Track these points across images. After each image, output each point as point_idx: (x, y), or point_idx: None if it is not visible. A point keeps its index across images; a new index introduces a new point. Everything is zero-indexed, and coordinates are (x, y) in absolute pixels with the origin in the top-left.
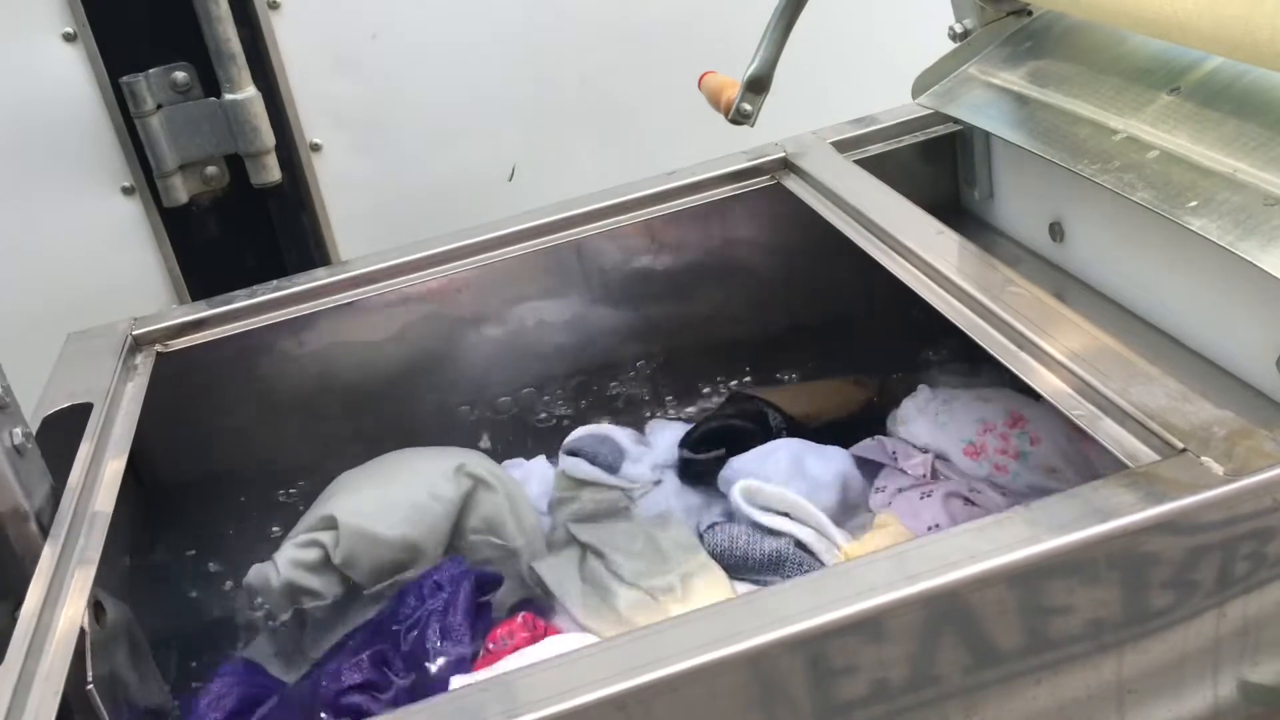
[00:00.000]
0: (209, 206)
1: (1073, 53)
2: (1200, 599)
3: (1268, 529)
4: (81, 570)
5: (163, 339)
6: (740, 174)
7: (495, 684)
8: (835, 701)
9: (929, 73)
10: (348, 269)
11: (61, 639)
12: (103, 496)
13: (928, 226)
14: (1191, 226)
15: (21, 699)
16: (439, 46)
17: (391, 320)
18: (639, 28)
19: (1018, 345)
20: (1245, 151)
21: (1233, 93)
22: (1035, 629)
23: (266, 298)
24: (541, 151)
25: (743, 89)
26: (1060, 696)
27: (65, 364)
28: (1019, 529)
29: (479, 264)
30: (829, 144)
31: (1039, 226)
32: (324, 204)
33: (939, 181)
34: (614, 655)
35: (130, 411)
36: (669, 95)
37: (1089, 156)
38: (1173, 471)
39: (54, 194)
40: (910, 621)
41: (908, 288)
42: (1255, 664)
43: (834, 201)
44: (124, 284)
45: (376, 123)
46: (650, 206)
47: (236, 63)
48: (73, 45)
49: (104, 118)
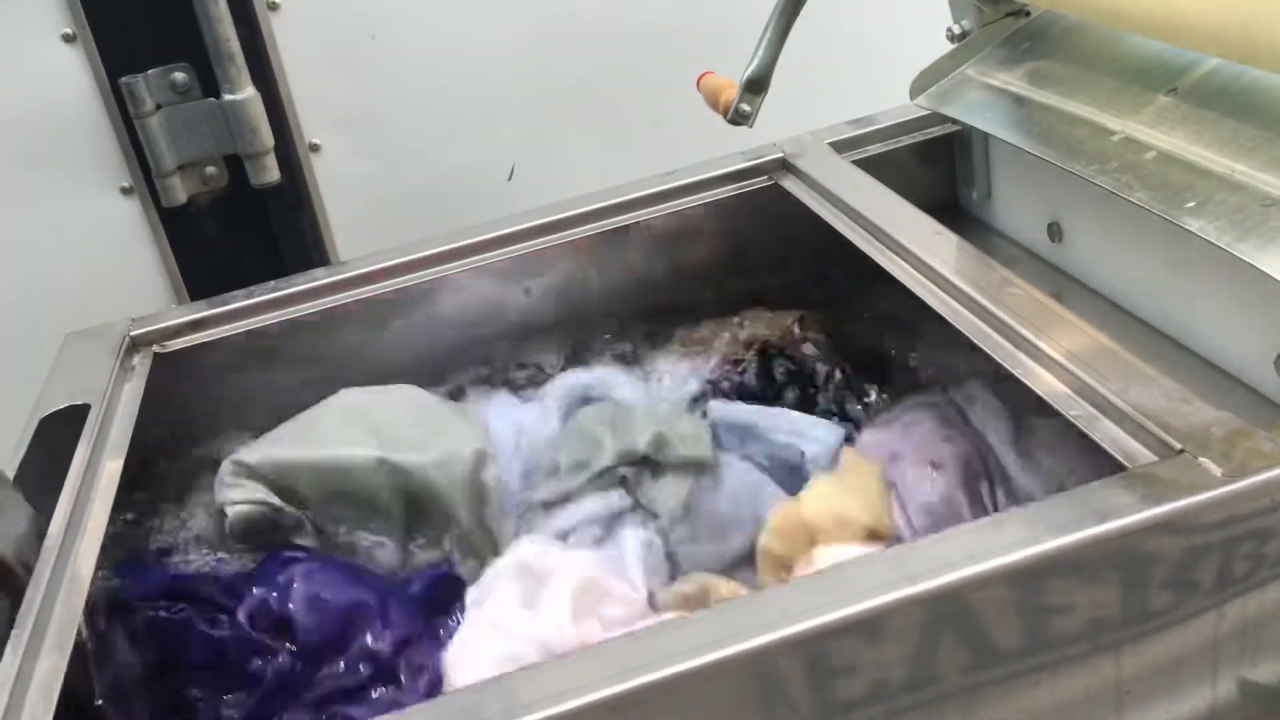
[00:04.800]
0: (208, 207)
1: (1071, 54)
2: (1199, 599)
3: (1266, 529)
4: (80, 571)
5: (161, 339)
6: (738, 174)
7: (495, 684)
8: (834, 702)
9: (927, 73)
10: (346, 269)
11: (59, 640)
12: (100, 497)
13: (926, 227)
14: (1189, 227)
15: (19, 699)
16: (438, 47)
17: (390, 320)
18: (638, 28)
19: (1016, 346)
20: (1243, 152)
21: (1230, 93)
22: (1034, 629)
23: (265, 298)
24: (541, 151)
25: (741, 89)
26: (1059, 697)
27: (63, 364)
28: (1018, 529)
29: (478, 264)
30: (827, 144)
31: (1037, 227)
32: (323, 204)
33: (937, 182)
34: (613, 656)
35: (128, 412)
36: (668, 95)
37: (1087, 157)
38: (1171, 472)
39: (53, 194)
40: (909, 622)
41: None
42: (1254, 664)
43: (832, 202)
44: (122, 284)
45: (375, 123)
46: (649, 207)
47: (235, 63)
48: (72, 46)
49: (103, 118)
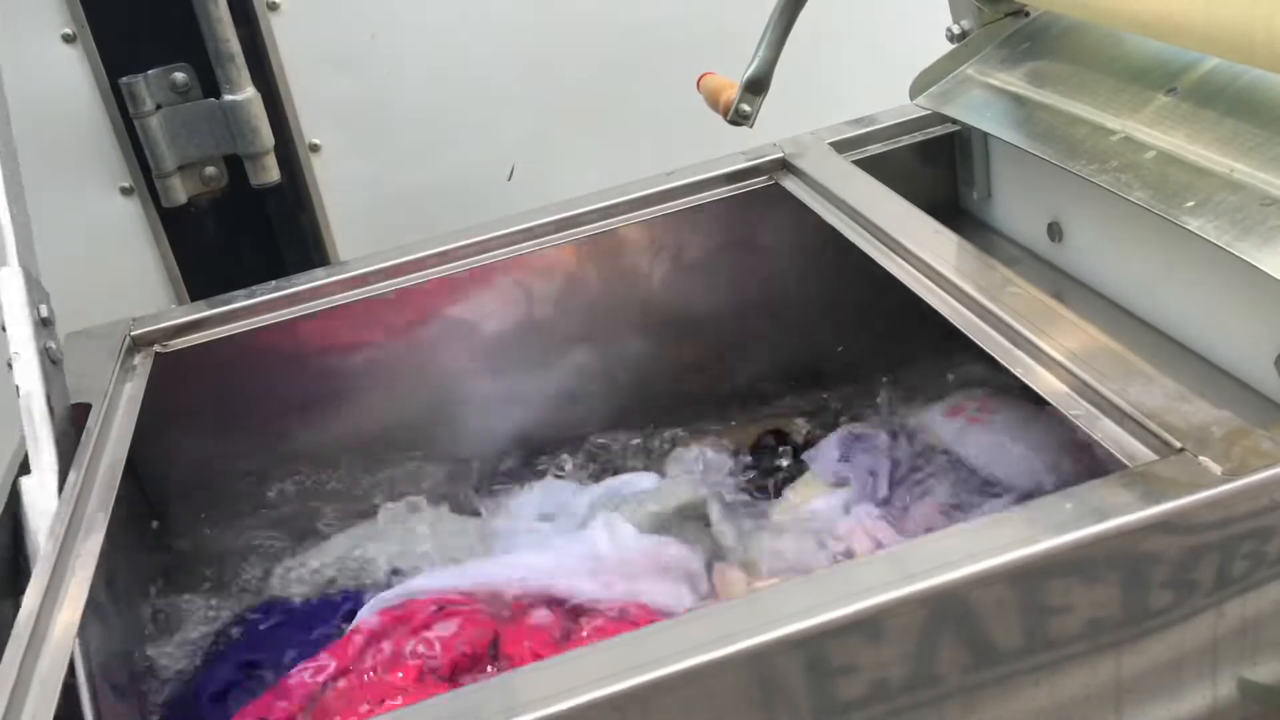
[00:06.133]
0: (208, 207)
1: (1070, 53)
2: (1198, 599)
3: (1265, 528)
4: (80, 570)
5: (161, 339)
6: (739, 174)
7: (495, 684)
8: (833, 702)
9: (927, 73)
10: (347, 269)
11: (59, 640)
12: (101, 496)
13: (926, 227)
14: (1189, 226)
15: (19, 699)
16: (438, 47)
17: (390, 320)
18: (639, 28)
19: (1016, 345)
20: (1242, 151)
21: (1229, 93)
22: (1033, 629)
23: (265, 298)
24: (541, 151)
25: (741, 89)
26: (1058, 696)
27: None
28: (1017, 529)
29: (478, 264)
30: (827, 144)
31: (1037, 227)
32: (323, 204)
33: (937, 182)
34: (613, 655)
35: (129, 412)
36: (668, 96)
37: (1087, 157)
38: (1171, 471)
39: (53, 194)
40: (908, 621)
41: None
42: (1254, 663)
43: (832, 202)
44: (122, 284)
45: (375, 123)
46: (649, 206)
47: (236, 63)
48: (72, 46)
49: (103, 118)
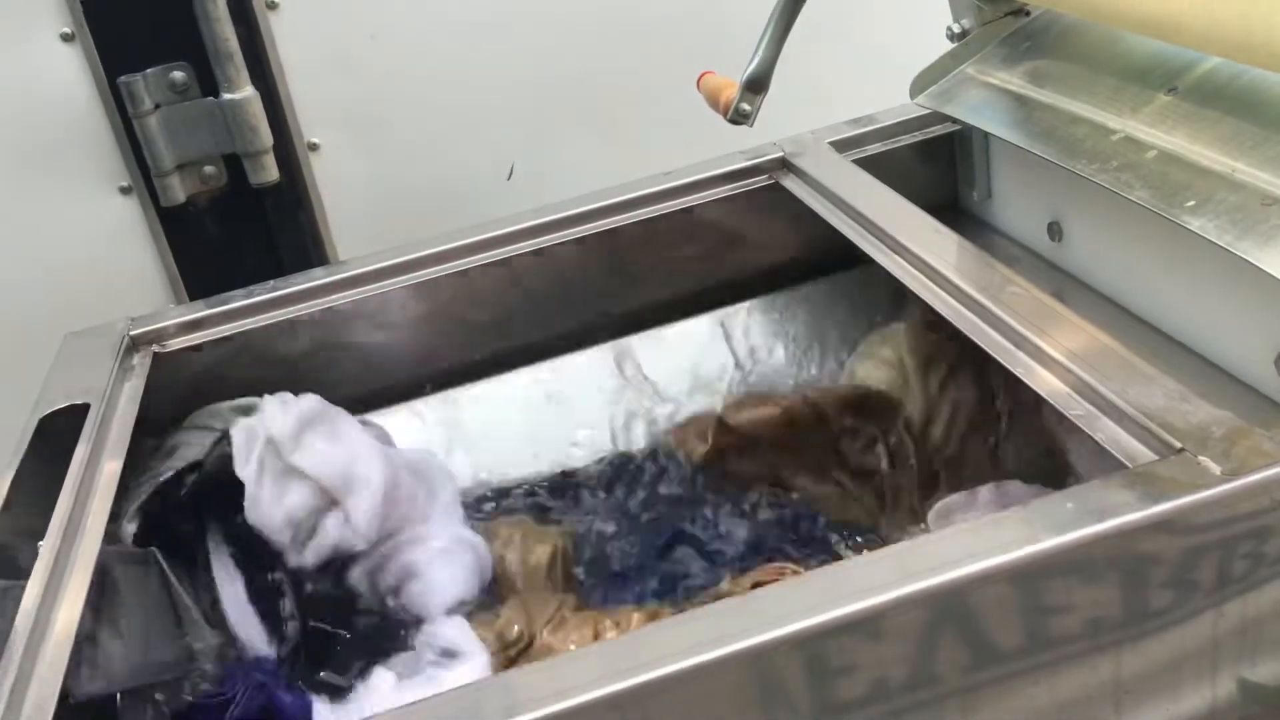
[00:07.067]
0: (206, 206)
1: (1070, 53)
2: (1198, 599)
3: (1265, 528)
4: (79, 570)
5: (160, 339)
6: (739, 174)
7: (495, 684)
8: (833, 701)
9: (927, 73)
10: (345, 269)
11: (59, 640)
12: (100, 497)
13: (926, 226)
14: (1189, 226)
15: (19, 699)
16: (437, 46)
17: (389, 320)
18: (638, 27)
19: (1016, 345)
20: (1243, 151)
21: (1230, 92)
22: (1033, 629)
23: (264, 297)
24: (540, 151)
25: (741, 89)
26: (1058, 696)
27: (62, 364)
28: (1017, 528)
29: (478, 264)
30: (827, 144)
31: (1037, 226)
32: (322, 204)
33: (937, 181)
34: (613, 654)
35: (127, 411)
36: (668, 95)
37: (1087, 156)
38: (1171, 471)
39: (52, 194)
40: (908, 621)
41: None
42: (1253, 664)
43: (832, 201)
44: (121, 284)
45: (374, 122)
46: (649, 206)
47: (234, 62)
48: (70, 45)
49: (102, 117)
